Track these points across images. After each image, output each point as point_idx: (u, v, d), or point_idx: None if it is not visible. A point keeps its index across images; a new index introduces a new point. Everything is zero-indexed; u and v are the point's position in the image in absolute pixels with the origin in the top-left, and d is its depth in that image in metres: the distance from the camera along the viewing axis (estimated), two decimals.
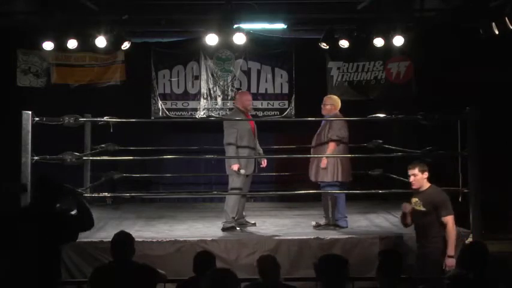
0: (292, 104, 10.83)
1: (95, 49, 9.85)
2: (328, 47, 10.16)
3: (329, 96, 8.40)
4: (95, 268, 4.87)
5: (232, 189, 7.88)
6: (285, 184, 10.57)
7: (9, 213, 5.01)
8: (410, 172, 6.51)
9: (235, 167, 7.69)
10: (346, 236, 7.39)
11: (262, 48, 10.72)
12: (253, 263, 5.01)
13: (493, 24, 8.63)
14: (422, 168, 6.47)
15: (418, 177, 6.45)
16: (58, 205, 4.97)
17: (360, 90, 10.86)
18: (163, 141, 10.42)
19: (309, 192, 8.58)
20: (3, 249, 4.80)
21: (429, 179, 6.50)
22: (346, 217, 7.90)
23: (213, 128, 10.62)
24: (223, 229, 7.79)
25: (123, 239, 4.80)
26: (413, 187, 6.50)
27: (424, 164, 6.54)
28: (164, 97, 10.83)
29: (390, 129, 10.07)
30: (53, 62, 10.52)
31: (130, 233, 4.92)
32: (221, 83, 10.86)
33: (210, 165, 10.29)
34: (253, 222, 8.12)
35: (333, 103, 8.03)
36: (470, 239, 6.98)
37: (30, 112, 7.19)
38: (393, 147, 9.08)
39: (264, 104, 10.90)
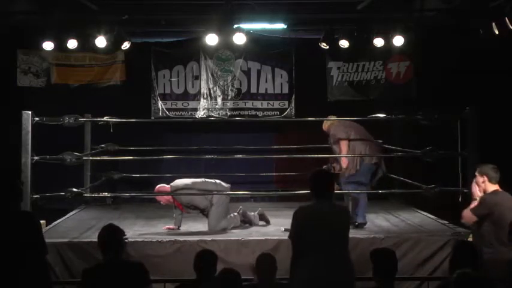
0: (292, 104, 10.82)
1: (95, 49, 9.86)
2: (328, 47, 10.16)
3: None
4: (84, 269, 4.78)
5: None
6: (285, 184, 10.56)
7: None
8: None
9: None
10: None
11: (262, 48, 10.71)
12: (253, 263, 5.01)
13: (493, 24, 8.63)
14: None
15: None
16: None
17: (360, 90, 10.85)
18: (163, 141, 10.43)
19: (309, 192, 8.54)
20: None
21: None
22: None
23: (213, 128, 10.67)
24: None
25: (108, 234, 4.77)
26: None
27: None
28: (164, 97, 10.83)
29: (390, 129, 10.06)
30: (53, 62, 10.51)
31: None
32: (221, 83, 10.86)
33: (210, 165, 10.28)
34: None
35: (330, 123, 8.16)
36: (470, 239, 6.97)
37: (30, 112, 7.20)
38: (393, 147, 9.08)
39: (264, 104, 10.89)
